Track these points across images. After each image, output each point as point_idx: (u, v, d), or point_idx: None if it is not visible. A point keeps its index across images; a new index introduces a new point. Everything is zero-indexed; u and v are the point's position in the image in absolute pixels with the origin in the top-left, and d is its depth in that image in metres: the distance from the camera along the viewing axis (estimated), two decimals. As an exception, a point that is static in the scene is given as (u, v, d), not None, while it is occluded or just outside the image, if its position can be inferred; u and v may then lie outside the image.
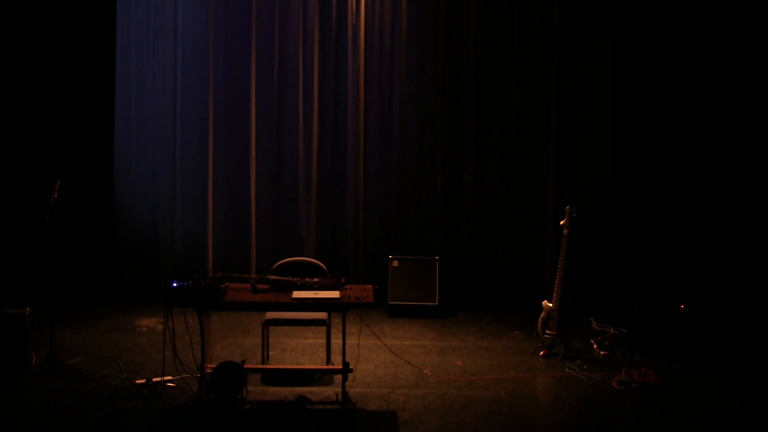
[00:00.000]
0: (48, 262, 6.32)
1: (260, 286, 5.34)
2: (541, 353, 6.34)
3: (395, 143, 8.31)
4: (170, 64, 8.21)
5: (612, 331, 7.03)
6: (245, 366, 5.32)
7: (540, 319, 6.42)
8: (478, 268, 8.40)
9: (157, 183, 8.31)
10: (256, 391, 5.42)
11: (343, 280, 5.46)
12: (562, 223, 6.37)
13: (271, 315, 5.84)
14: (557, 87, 8.19)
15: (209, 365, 5.32)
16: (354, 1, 8.15)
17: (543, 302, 6.42)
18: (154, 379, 5.50)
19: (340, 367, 5.25)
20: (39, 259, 6.68)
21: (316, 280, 5.40)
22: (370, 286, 5.45)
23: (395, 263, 7.66)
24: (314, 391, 5.45)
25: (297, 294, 5.14)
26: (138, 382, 5.54)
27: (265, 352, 5.99)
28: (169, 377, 5.52)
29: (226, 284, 5.23)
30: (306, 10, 8.16)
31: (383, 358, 6.17)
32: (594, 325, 7.20)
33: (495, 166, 8.34)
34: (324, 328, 5.92)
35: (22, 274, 7.69)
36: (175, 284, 5.02)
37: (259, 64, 8.21)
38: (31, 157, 8.16)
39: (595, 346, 6.58)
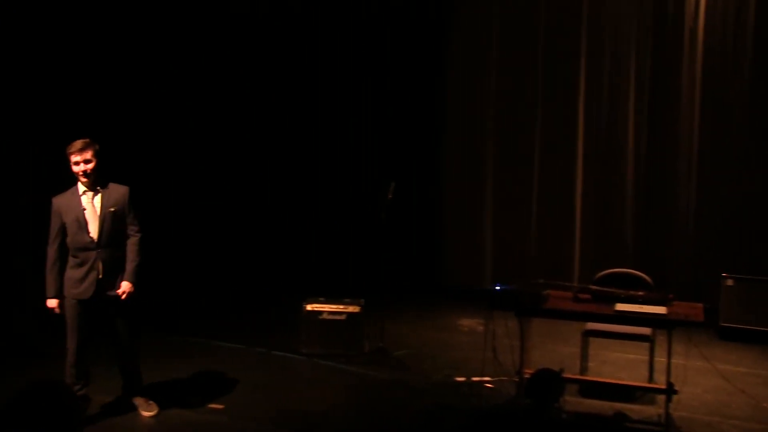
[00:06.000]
0: (379, 258, 6.84)
1: (582, 296, 5.24)
2: None
3: (734, 147, 7.59)
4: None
5: None
6: (563, 375, 5.26)
7: None
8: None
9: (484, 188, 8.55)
10: (572, 401, 5.34)
11: (671, 296, 5.15)
12: None
13: (591, 326, 5.69)
14: None
15: (527, 370, 5.35)
16: (693, 3, 7.64)
17: None
18: (473, 379, 5.68)
19: (664, 387, 4.97)
20: (373, 256, 7.28)
21: (641, 293, 5.17)
22: (701, 305, 5.09)
23: (729, 282, 7.04)
24: (634, 409, 5.23)
25: (620, 306, 4.97)
26: (458, 379, 5.75)
27: (584, 364, 5.87)
28: (488, 378, 5.65)
29: (548, 291, 5.24)
30: (641, 11, 7.84)
31: (713, 383, 5.73)
32: None
33: None
34: (647, 345, 5.64)
35: (358, 269, 8.41)
36: (498, 287, 5.13)
37: (588, 66, 8.05)
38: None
39: None
